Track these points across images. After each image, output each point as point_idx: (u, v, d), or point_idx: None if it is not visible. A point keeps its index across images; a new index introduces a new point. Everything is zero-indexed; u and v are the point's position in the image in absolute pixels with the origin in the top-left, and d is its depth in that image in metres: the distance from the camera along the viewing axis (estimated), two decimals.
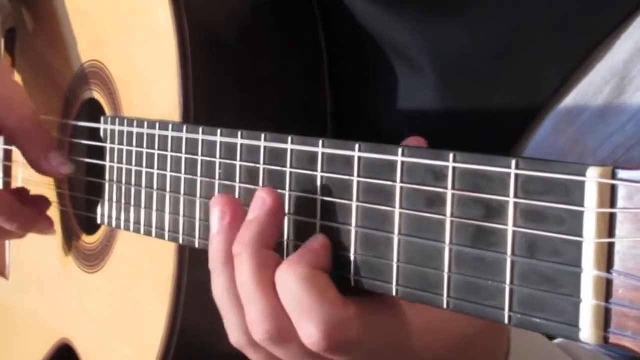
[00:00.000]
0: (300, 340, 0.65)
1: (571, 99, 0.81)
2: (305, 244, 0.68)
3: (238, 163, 0.76)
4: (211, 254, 0.71)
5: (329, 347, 0.64)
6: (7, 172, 1.22)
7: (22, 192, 1.12)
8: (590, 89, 0.79)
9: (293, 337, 0.66)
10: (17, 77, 1.23)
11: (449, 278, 0.58)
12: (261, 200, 0.69)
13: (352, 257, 0.66)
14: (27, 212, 1.07)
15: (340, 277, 0.66)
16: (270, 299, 0.66)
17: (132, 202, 0.92)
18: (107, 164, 0.97)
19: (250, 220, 0.69)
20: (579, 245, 0.51)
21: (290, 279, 0.65)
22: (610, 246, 0.49)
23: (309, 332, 0.64)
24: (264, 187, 0.70)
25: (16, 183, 1.21)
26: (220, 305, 0.71)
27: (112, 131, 0.96)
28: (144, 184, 0.90)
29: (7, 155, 1.22)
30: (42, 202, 1.10)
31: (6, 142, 1.19)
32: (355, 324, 0.64)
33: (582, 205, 0.50)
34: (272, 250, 0.69)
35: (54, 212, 1.12)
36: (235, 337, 0.71)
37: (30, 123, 1.03)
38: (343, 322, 0.64)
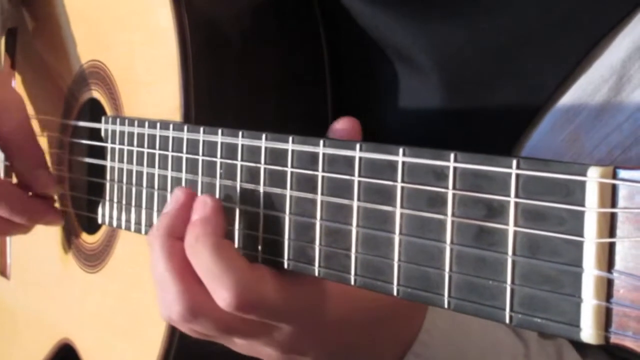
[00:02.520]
0: (214, 313, 0.73)
1: (569, 98, 0.81)
2: (196, 210, 0.75)
3: (239, 163, 0.76)
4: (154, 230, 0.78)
5: (240, 305, 0.71)
6: (8, 172, 1.22)
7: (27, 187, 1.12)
8: (588, 87, 0.79)
9: (211, 309, 0.73)
10: (18, 78, 1.23)
11: (450, 278, 0.58)
12: (174, 196, 0.78)
13: (353, 257, 0.66)
14: (36, 203, 1.07)
15: (341, 276, 0.66)
16: (180, 280, 0.74)
17: (133, 202, 0.92)
18: (108, 163, 0.97)
19: (163, 214, 0.77)
20: (579, 245, 0.51)
21: (201, 253, 0.73)
22: (611, 246, 0.49)
23: (222, 296, 0.71)
24: (181, 187, 0.80)
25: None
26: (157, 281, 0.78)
27: (113, 131, 0.96)
28: (144, 184, 0.90)
29: (8, 171, 1.22)
30: (47, 196, 1.10)
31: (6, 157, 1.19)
32: (268, 286, 0.72)
33: (582, 205, 0.50)
34: (178, 240, 0.76)
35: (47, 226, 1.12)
36: (163, 314, 0.77)
37: (24, 134, 1.03)
38: (253, 283, 0.72)
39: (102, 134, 0.99)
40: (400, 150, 0.62)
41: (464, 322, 0.82)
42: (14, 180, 1.14)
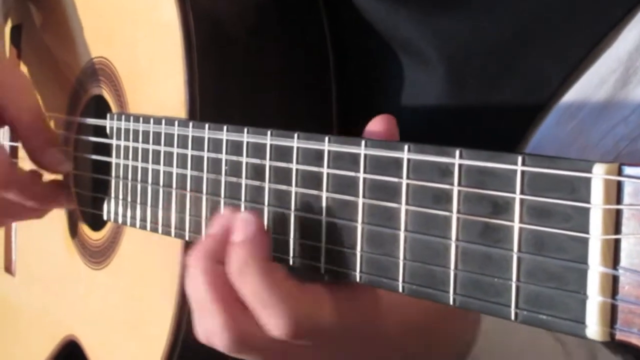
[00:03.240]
0: (263, 342, 0.68)
1: (574, 92, 0.81)
2: (239, 230, 0.69)
3: (244, 160, 0.76)
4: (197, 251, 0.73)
5: (297, 333, 0.67)
6: (13, 153, 1.22)
7: (35, 172, 1.12)
8: (593, 80, 0.79)
9: (255, 342, 0.69)
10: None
11: (455, 275, 0.58)
12: (223, 219, 0.72)
13: (358, 254, 0.66)
14: (46, 186, 1.07)
15: (347, 274, 0.67)
16: (225, 308, 0.69)
17: (138, 199, 0.92)
18: (113, 160, 0.97)
19: (207, 235, 0.72)
20: (585, 242, 0.51)
21: (250, 278, 0.67)
22: (617, 243, 0.49)
23: (277, 324, 0.67)
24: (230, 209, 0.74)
25: (23, 165, 1.20)
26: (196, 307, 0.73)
27: (118, 128, 0.96)
28: (150, 181, 0.90)
29: (13, 152, 1.22)
30: (54, 180, 1.10)
31: (12, 139, 1.19)
32: (324, 307, 0.68)
33: (588, 202, 0.50)
34: (222, 264, 0.70)
35: (60, 209, 1.12)
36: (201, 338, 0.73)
37: (33, 114, 1.03)
38: (309, 308, 0.67)
39: (108, 130, 0.99)
40: (405, 147, 0.62)
41: (507, 327, 0.80)
42: (20, 163, 1.14)
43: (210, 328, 0.70)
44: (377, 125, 0.70)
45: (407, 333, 0.73)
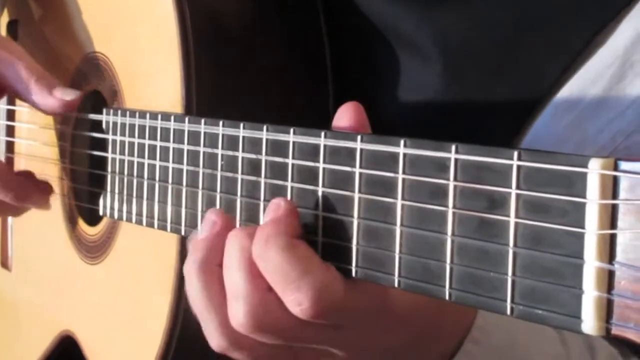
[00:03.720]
0: (283, 317, 0.67)
1: (571, 86, 0.81)
2: (268, 213, 0.69)
3: (240, 154, 0.76)
4: (188, 258, 0.73)
5: (318, 311, 0.65)
6: (10, 148, 1.22)
7: (9, 161, 1.11)
8: (590, 75, 0.80)
9: (280, 318, 0.67)
10: None
11: (451, 269, 0.58)
12: (208, 221, 0.73)
13: (354, 249, 0.66)
14: (21, 181, 1.06)
15: (343, 268, 0.66)
16: (250, 284, 0.68)
17: (134, 194, 0.92)
18: (109, 155, 0.97)
19: (199, 240, 0.72)
20: (581, 237, 0.51)
21: (272, 254, 0.66)
22: (612, 237, 0.49)
23: (298, 300, 0.65)
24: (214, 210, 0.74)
25: (19, 160, 1.20)
26: (198, 310, 0.73)
27: (115, 123, 0.96)
28: (146, 176, 0.90)
29: (9, 147, 1.22)
30: (31, 174, 1.10)
31: (9, 102, 1.19)
32: (341, 287, 0.66)
33: (584, 197, 0.50)
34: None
35: (55, 203, 1.12)
36: (216, 343, 0.72)
37: (29, 70, 1.02)
38: (329, 286, 0.66)
39: (104, 125, 0.99)
40: (402, 142, 0.62)
41: None
42: (17, 157, 1.14)
43: (235, 311, 0.69)
44: (344, 119, 0.70)
45: (416, 313, 0.72)
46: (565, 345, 0.83)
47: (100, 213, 1.01)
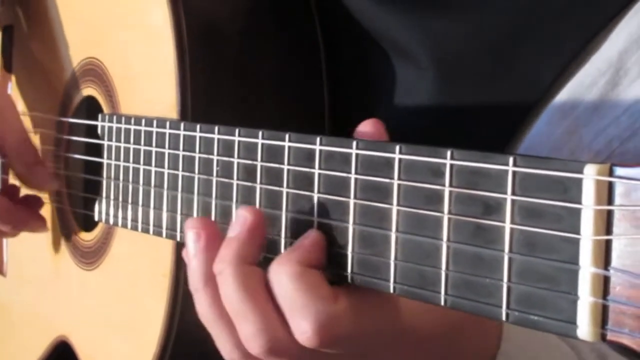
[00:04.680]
0: (296, 346, 0.66)
1: (566, 92, 0.81)
2: (298, 240, 0.68)
3: (235, 160, 0.76)
4: (191, 277, 0.72)
5: (322, 342, 0.65)
6: (5, 169, 1.22)
7: (12, 191, 1.13)
8: (585, 81, 0.80)
9: (289, 345, 0.66)
10: (13, 77, 1.23)
11: (447, 275, 0.58)
12: (242, 217, 0.70)
13: (350, 255, 0.66)
14: (19, 212, 1.09)
15: (338, 274, 0.66)
16: (261, 312, 0.67)
17: (130, 200, 0.92)
18: (105, 161, 0.97)
19: (232, 238, 0.70)
20: (576, 243, 0.51)
21: (282, 278, 0.66)
22: (608, 243, 0.49)
23: (302, 329, 0.65)
24: (246, 206, 0.71)
25: (13, 179, 1.21)
26: (208, 325, 0.72)
27: (110, 128, 0.96)
28: (141, 182, 0.90)
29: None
30: (34, 201, 1.11)
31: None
32: (347, 318, 0.65)
33: (579, 203, 0.50)
34: (254, 266, 0.69)
35: (50, 209, 1.12)
36: (228, 354, 0.71)
37: (19, 136, 1.05)
38: (335, 317, 0.65)
39: (99, 131, 0.99)
40: (397, 148, 0.62)
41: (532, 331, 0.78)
42: (11, 176, 1.15)
43: (245, 333, 0.68)
44: (367, 127, 0.69)
45: (435, 337, 0.71)
46: None
47: (96, 219, 1.01)
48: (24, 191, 1.13)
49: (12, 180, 1.13)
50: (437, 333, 0.71)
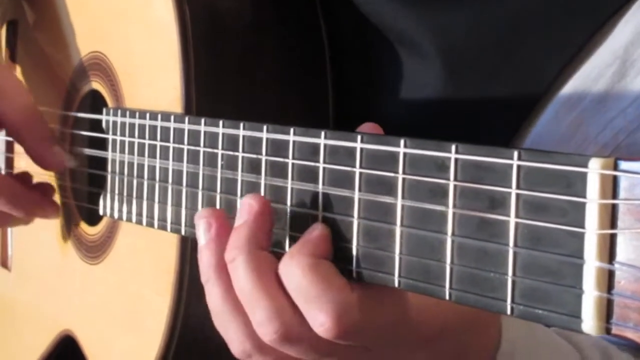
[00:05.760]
0: (310, 334, 0.65)
1: (572, 85, 0.81)
2: (304, 234, 0.68)
3: (240, 154, 0.76)
4: (202, 267, 0.72)
5: (341, 332, 0.64)
6: (9, 163, 1.22)
7: (25, 178, 1.12)
8: (591, 73, 0.80)
9: (303, 332, 0.66)
10: (18, 70, 1.23)
11: (451, 269, 0.58)
12: (248, 205, 0.70)
13: (354, 249, 0.66)
14: (32, 196, 1.07)
15: (342, 268, 0.66)
16: (274, 298, 0.67)
17: (134, 194, 0.92)
18: (109, 155, 0.97)
19: (240, 225, 0.69)
20: (581, 237, 0.51)
21: (295, 271, 0.65)
22: (612, 237, 0.49)
23: (320, 320, 0.64)
24: (251, 194, 0.71)
25: (19, 159, 1.20)
26: (220, 316, 0.71)
27: (114, 122, 0.96)
28: (146, 176, 0.90)
29: (9, 147, 1.22)
30: (45, 187, 1.11)
31: (7, 134, 1.19)
32: (363, 307, 0.65)
33: (584, 197, 0.50)
34: (266, 251, 0.69)
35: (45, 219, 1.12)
36: (239, 346, 0.70)
37: (30, 115, 1.02)
38: (351, 306, 0.64)
39: (103, 125, 0.99)
40: (402, 142, 0.62)
41: (533, 329, 0.78)
42: (15, 172, 1.15)
43: (257, 319, 0.67)
44: (364, 130, 0.69)
45: (441, 334, 0.71)
46: None
47: (100, 213, 1.01)
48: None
49: (18, 161, 1.13)
50: (447, 327, 0.71)
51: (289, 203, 0.71)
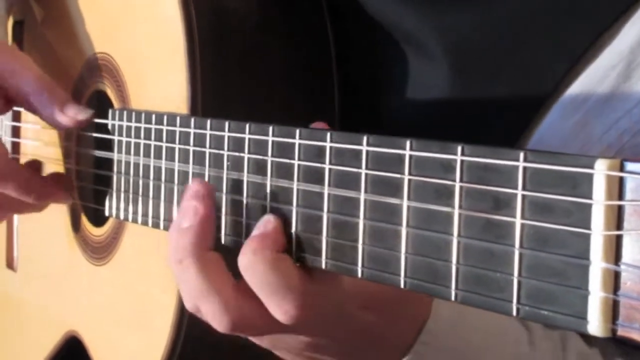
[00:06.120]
0: (265, 318, 0.72)
1: (577, 85, 0.81)
2: (258, 227, 0.72)
3: (246, 155, 0.76)
4: (179, 248, 0.76)
5: (302, 318, 0.71)
6: (16, 149, 1.22)
7: (34, 164, 1.12)
8: (596, 74, 0.80)
9: (257, 319, 0.73)
10: None
11: (457, 270, 0.59)
12: (193, 209, 0.75)
13: (360, 249, 0.66)
14: (42, 181, 1.07)
15: (348, 269, 0.67)
16: (222, 293, 0.73)
17: (140, 195, 0.92)
18: (115, 156, 0.97)
19: (187, 229, 0.75)
20: (587, 238, 0.51)
21: (260, 267, 0.70)
22: (618, 238, 0.49)
23: (284, 309, 0.71)
24: (196, 181, 0.77)
25: (25, 160, 1.21)
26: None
27: (120, 124, 0.96)
28: (151, 177, 0.90)
29: (15, 132, 1.23)
30: (57, 175, 1.10)
31: (14, 118, 1.19)
32: (319, 292, 0.72)
33: (590, 198, 0.50)
34: (212, 250, 0.75)
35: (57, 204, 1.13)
36: (221, 321, 0.75)
37: (40, 82, 1.01)
38: (311, 294, 0.71)
39: (109, 126, 0.99)
40: (408, 143, 0.62)
41: (466, 310, 0.80)
42: (22, 157, 1.14)
43: (210, 314, 0.74)
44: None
45: (370, 307, 0.75)
46: (533, 346, 0.83)
47: (106, 214, 1.01)
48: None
49: (25, 146, 1.13)
50: (377, 302, 0.75)
51: (294, 204, 0.71)
